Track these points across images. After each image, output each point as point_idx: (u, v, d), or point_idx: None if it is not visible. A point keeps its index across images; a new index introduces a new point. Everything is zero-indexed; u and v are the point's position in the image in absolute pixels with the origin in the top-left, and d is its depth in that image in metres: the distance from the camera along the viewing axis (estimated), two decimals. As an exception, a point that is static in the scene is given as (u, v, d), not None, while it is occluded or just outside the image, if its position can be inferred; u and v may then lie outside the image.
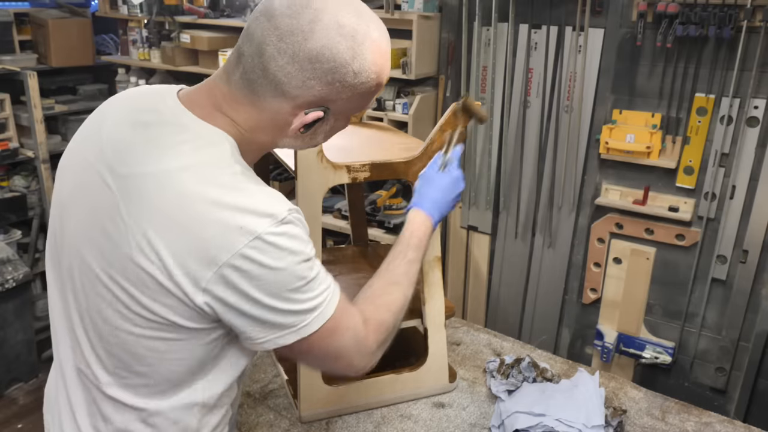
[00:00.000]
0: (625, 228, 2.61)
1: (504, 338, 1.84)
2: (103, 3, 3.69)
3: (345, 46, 0.85)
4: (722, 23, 2.16)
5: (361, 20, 0.87)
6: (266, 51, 0.84)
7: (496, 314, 3.08)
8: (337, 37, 0.84)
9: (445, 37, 2.82)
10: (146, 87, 0.99)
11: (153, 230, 0.81)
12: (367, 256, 1.84)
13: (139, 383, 0.90)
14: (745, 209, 2.36)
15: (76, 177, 0.93)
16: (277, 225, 0.82)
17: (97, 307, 0.88)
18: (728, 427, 1.46)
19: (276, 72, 0.85)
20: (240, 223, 0.80)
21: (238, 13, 3.29)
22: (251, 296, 0.83)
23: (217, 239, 0.80)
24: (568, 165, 2.66)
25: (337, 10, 0.85)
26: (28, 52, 3.65)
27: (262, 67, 0.85)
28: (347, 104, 0.91)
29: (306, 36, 0.83)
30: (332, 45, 0.84)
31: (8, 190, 3.55)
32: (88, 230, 0.88)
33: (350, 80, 0.87)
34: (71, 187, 0.93)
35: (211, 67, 3.28)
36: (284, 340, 0.87)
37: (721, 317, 2.53)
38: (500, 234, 2.96)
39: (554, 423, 1.35)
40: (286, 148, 0.99)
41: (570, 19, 2.52)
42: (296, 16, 0.83)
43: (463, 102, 1.31)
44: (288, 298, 0.85)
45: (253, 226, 0.81)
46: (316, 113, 0.89)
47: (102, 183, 0.87)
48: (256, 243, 0.81)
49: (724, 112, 2.31)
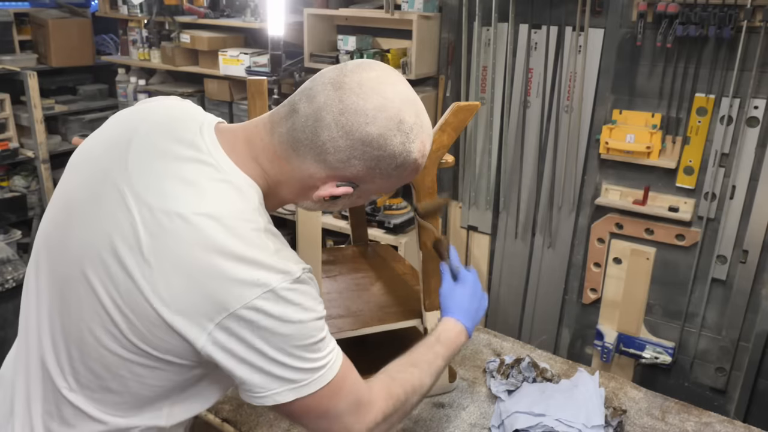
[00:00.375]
0: (625, 228, 2.61)
1: (504, 338, 1.84)
2: (103, 3, 3.69)
3: (399, 141, 0.88)
4: (722, 23, 2.16)
5: (418, 120, 0.90)
6: (324, 118, 0.86)
7: (496, 314, 3.08)
8: (395, 131, 0.87)
9: (445, 37, 2.82)
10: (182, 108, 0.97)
11: (171, 270, 0.81)
12: (367, 256, 1.84)
13: (107, 399, 0.89)
14: (745, 209, 2.36)
15: (92, 186, 0.90)
16: (292, 282, 0.84)
17: (88, 323, 0.87)
18: (728, 427, 1.46)
19: (326, 141, 0.86)
20: (255, 277, 0.81)
21: (238, 13, 3.29)
22: (256, 347, 0.83)
23: (232, 291, 0.81)
24: (568, 165, 2.66)
25: (402, 105, 0.88)
26: (28, 52, 3.65)
27: (314, 131, 0.86)
28: (375, 187, 0.94)
29: (368, 120, 0.85)
30: (389, 136, 0.87)
31: (8, 190, 3.56)
32: (100, 250, 0.86)
33: (391, 170, 0.90)
34: (85, 194, 0.91)
35: (211, 67, 3.28)
36: (283, 396, 0.87)
37: (721, 317, 2.53)
38: (500, 234, 2.96)
39: (554, 423, 1.35)
40: (302, 208, 1.00)
41: (570, 19, 2.52)
42: (365, 98, 0.85)
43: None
44: (293, 354, 0.85)
45: (267, 279, 0.82)
46: (346, 189, 0.91)
47: (123, 205, 0.86)
48: (268, 295, 0.82)
49: (724, 112, 2.31)
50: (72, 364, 0.90)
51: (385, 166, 0.89)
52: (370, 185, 0.93)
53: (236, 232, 0.83)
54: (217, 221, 0.83)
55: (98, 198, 0.88)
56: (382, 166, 0.89)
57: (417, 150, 0.91)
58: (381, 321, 1.45)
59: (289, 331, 0.83)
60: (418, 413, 1.49)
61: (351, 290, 1.62)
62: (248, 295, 0.81)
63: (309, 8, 2.90)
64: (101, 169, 0.90)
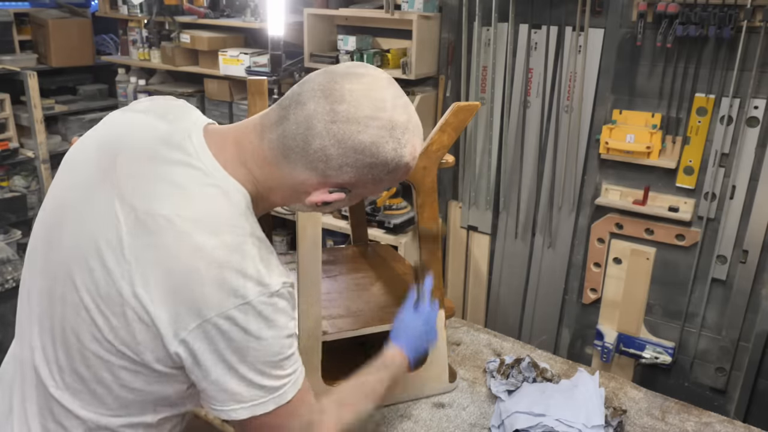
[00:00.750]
0: (625, 228, 2.61)
1: (504, 338, 1.84)
2: (103, 3, 3.69)
3: (391, 147, 0.87)
4: (722, 23, 2.16)
5: (410, 124, 0.90)
6: (315, 126, 0.85)
7: (496, 314, 3.08)
8: (387, 137, 0.86)
9: (445, 37, 2.82)
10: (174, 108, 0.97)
11: (151, 271, 0.82)
12: (367, 256, 1.84)
13: (91, 400, 0.90)
14: (745, 209, 2.36)
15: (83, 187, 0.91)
16: (269, 296, 0.83)
17: (72, 324, 0.87)
18: (728, 427, 1.46)
19: (318, 149, 0.85)
20: (235, 286, 0.81)
21: (238, 13, 3.29)
22: (224, 357, 0.83)
23: (210, 296, 0.81)
24: (568, 165, 2.66)
25: (394, 111, 0.87)
26: (28, 52, 3.65)
27: (305, 138, 0.85)
28: (367, 191, 0.94)
29: (360, 129, 0.85)
30: (381, 143, 0.86)
31: (8, 190, 3.56)
32: (86, 254, 0.86)
33: (383, 175, 0.90)
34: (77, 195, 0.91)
35: (211, 67, 3.28)
36: (238, 414, 0.86)
37: (721, 317, 2.53)
38: (500, 234, 2.96)
39: (554, 423, 1.35)
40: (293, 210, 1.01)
41: (570, 19, 2.52)
42: (356, 106, 0.84)
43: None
44: (259, 369, 0.85)
45: (245, 290, 0.82)
46: (338, 195, 0.91)
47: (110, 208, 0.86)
48: (244, 308, 0.81)
49: (724, 112, 2.31)
50: (59, 364, 0.90)
51: (378, 172, 0.89)
52: (362, 189, 0.92)
53: (220, 237, 0.83)
54: (202, 225, 0.83)
55: (89, 200, 0.89)
56: (374, 172, 0.89)
57: (408, 153, 0.90)
58: (381, 321, 1.45)
59: (258, 347, 0.83)
60: (418, 413, 1.49)
61: (351, 290, 1.62)
62: (225, 305, 0.81)
63: (309, 8, 2.90)
64: (93, 171, 0.91)
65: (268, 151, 0.88)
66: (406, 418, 1.47)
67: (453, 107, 1.34)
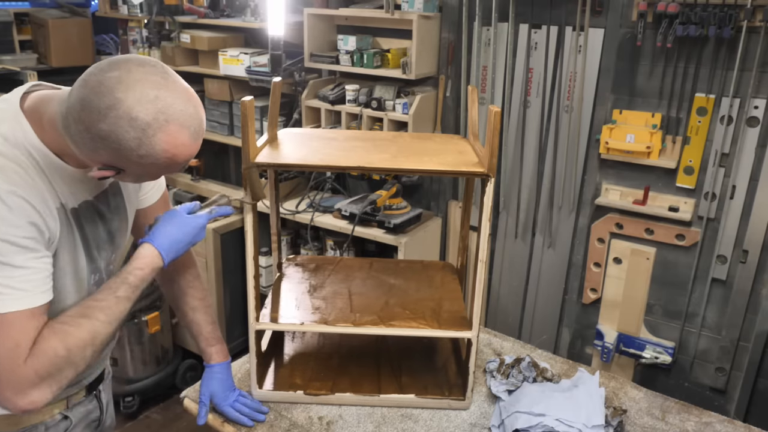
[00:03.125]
0: (625, 228, 2.61)
1: (504, 338, 1.84)
2: (103, 3, 3.69)
3: (132, 136, 0.94)
4: (722, 23, 2.16)
5: (160, 115, 0.95)
6: (72, 114, 0.95)
7: (496, 314, 3.08)
8: (126, 127, 0.93)
9: (445, 37, 2.82)
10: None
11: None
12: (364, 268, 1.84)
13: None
14: (745, 209, 2.36)
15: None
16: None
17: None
18: (728, 427, 1.46)
19: (75, 134, 0.96)
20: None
21: (238, 13, 3.29)
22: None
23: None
24: (568, 165, 2.66)
25: (135, 103, 0.93)
26: (28, 52, 3.65)
27: (67, 123, 0.96)
28: (139, 171, 1.01)
29: (100, 118, 0.93)
30: (120, 133, 0.93)
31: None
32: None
33: (135, 160, 0.97)
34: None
35: (212, 67, 3.28)
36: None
37: (721, 317, 2.53)
38: (500, 234, 2.96)
39: (554, 423, 1.35)
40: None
41: (570, 19, 2.52)
42: (99, 96, 0.93)
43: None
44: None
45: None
46: (108, 172, 1.00)
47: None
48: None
49: (724, 112, 2.31)
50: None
51: (128, 158, 0.96)
52: (133, 169, 1.00)
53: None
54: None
55: None
56: (127, 156, 0.96)
57: (161, 141, 0.95)
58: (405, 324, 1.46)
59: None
60: (418, 413, 1.49)
61: (344, 299, 1.63)
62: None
63: (309, 8, 2.90)
64: None
65: (58, 121, 0.99)
66: (407, 418, 1.47)
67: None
